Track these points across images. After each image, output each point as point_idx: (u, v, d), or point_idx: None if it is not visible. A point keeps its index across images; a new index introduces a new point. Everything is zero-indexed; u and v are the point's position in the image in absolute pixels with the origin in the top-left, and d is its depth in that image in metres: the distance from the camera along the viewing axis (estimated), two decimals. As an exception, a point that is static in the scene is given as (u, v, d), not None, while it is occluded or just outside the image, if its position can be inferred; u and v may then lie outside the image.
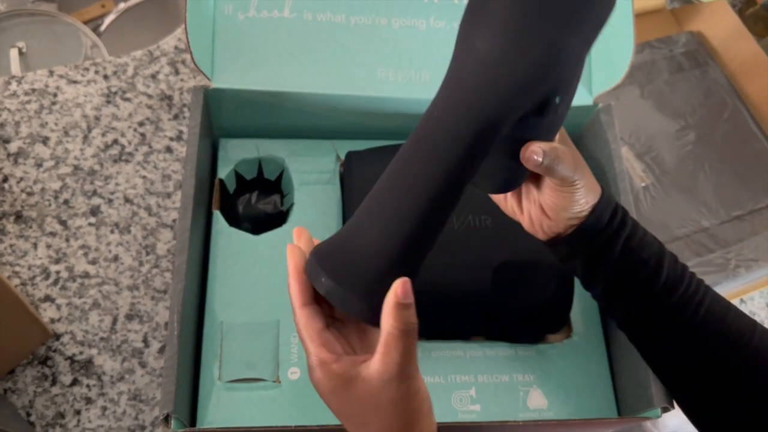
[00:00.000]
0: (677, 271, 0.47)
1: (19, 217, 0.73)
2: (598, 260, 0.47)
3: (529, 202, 0.49)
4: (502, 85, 0.38)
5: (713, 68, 0.90)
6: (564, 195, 0.46)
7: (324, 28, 0.62)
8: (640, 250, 0.46)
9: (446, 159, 0.39)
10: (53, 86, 0.80)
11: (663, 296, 0.46)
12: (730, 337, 0.46)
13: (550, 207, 0.47)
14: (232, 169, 0.65)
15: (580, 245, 0.47)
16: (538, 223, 0.48)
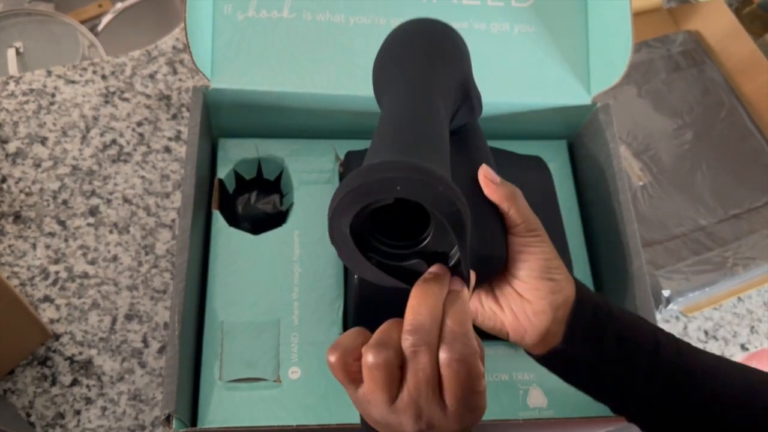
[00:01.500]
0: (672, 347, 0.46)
1: (17, 218, 0.73)
2: (598, 352, 0.45)
3: (505, 297, 0.47)
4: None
5: (710, 67, 0.91)
6: (533, 252, 0.44)
7: (323, 28, 0.62)
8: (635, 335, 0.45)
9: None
10: (51, 86, 0.80)
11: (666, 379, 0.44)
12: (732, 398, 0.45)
13: (525, 279, 0.45)
14: (231, 169, 0.65)
15: (577, 337, 0.45)
16: (522, 315, 0.45)
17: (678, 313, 0.78)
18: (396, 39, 0.50)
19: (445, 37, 0.49)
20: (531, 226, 0.44)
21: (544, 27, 0.65)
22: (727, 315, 0.79)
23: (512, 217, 0.44)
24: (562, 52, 0.65)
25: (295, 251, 0.61)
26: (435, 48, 0.48)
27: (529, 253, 0.44)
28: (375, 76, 0.50)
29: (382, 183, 0.35)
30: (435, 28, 0.49)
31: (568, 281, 0.45)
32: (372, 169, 0.35)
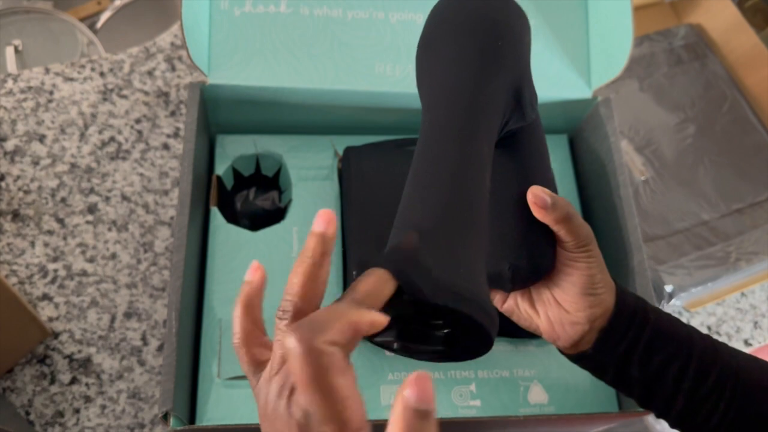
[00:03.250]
0: (707, 352, 0.45)
1: (16, 216, 0.72)
2: (628, 358, 0.45)
3: (543, 303, 0.47)
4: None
5: (712, 61, 0.90)
6: (579, 267, 0.44)
7: (321, 23, 0.62)
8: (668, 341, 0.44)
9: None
10: (49, 84, 0.80)
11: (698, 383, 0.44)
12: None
13: (567, 291, 0.44)
14: (229, 166, 0.64)
15: (610, 345, 0.44)
16: (558, 323, 0.46)
17: (680, 308, 0.78)
18: (444, 23, 0.45)
19: (500, 26, 0.44)
20: (582, 242, 0.44)
21: (544, 20, 0.64)
22: (730, 310, 0.79)
23: (562, 236, 0.44)
24: (562, 46, 0.64)
25: (293, 248, 0.60)
26: (487, 48, 0.43)
27: (576, 268, 0.44)
28: (417, 68, 0.48)
29: (439, 307, 0.35)
30: (489, 9, 0.44)
31: (609, 293, 0.45)
32: (437, 287, 0.35)
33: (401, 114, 0.65)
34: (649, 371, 0.44)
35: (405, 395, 0.28)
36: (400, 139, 0.66)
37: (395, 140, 0.66)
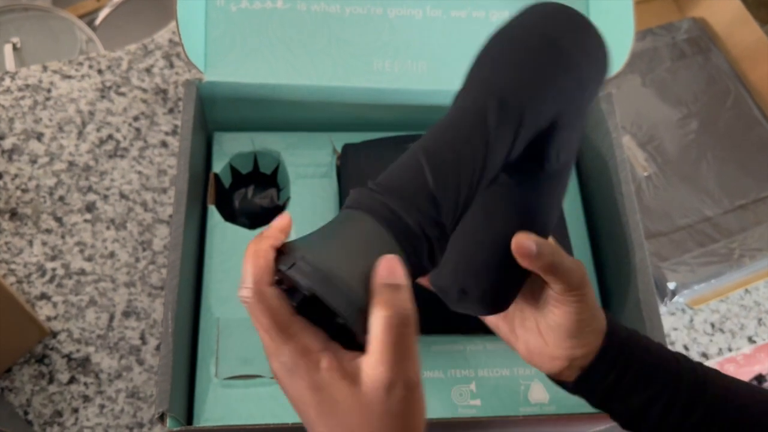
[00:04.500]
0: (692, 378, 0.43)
1: (14, 215, 0.72)
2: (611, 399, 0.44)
3: (524, 329, 0.45)
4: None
5: (716, 55, 0.89)
6: (567, 312, 0.42)
7: (318, 19, 0.61)
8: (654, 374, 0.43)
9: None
10: (47, 82, 0.79)
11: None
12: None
13: (552, 328, 0.43)
14: (227, 163, 0.64)
15: (588, 389, 0.44)
16: (537, 353, 0.44)
17: (684, 305, 0.77)
18: (503, 34, 0.40)
19: (556, 51, 0.38)
20: (572, 287, 0.41)
21: (544, 15, 0.63)
22: (734, 307, 0.78)
23: (551, 283, 0.42)
24: (562, 41, 0.63)
25: (291, 246, 0.60)
26: (525, 63, 0.38)
27: (563, 311, 0.42)
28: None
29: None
30: (555, 32, 0.38)
31: (596, 336, 0.42)
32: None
33: (400, 111, 0.65)
34: (633, 407, 0.43)
35: (376, 274, 0.32)
36: (398, 135, 0.65)
37: (394, 137, 0.65)
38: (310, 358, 0.32)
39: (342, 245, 0.33)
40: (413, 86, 0.62)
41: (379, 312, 0.31)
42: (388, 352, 0.31)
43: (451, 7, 0.62)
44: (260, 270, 0.33)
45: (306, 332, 0.33)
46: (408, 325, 0.32)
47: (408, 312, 0.32)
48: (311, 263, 0.32)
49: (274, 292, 0.33)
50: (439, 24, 0.62)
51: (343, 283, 0.31)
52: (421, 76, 0.62)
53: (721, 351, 0.76)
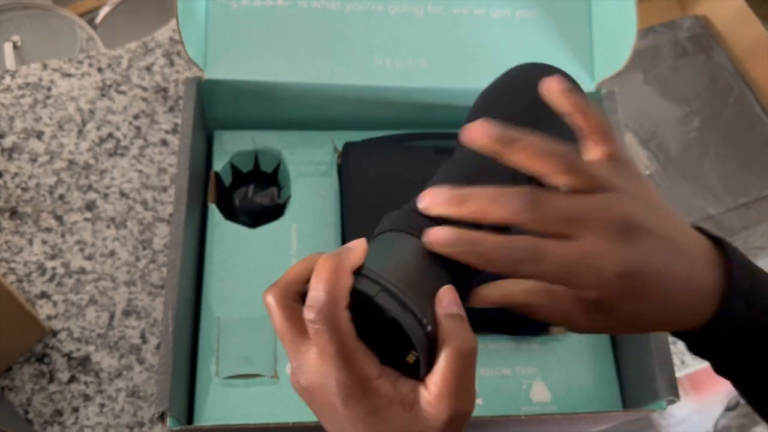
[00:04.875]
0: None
1: (14, 213, 0.72)
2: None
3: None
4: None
5: (718, 52, 0.89)
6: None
7: (319, 16, 0.61)
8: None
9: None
10: (47, 80, 0.79)
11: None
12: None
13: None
14: (227, 162, 0.64)
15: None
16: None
17: (686, 304, 0.77)
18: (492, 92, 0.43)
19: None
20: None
21: (546, 12, 0.63)
22: (736, 306, 0.78)
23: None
24: (564, 38, 0.63)
25: (292, 245, 0.60)
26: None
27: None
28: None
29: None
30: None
31: (694, 314, 0.34)
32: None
33: (401, 108, 0.64)
34: (754, 383, 0.38)
35: (440, 305, 0.32)
36: (400, 134, 0.65)
37: (395, 135, 0.65)
38: (370, 384, 0.31)
39: (406, 270, 0.33)
40: (414, 83, 0.61)
41: (447, 344, 0.31)
42: (453, 385, 0.31)
43: (453, 4, 0.62)
44: (340, 292, 0.31)
45: (367, 359, 0.32)
46: (472, 359, 0.32)
47: (473, 345, 0.32)
48: (393, 292, 0.31)
49: (347, 316, 0.32)
50: (440, 21, 0.62)
51: (419, 312, 0.32)
52: (422, 74, 0.62)
53: (724, 350, 0.75)
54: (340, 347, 0.31)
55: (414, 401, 0.32)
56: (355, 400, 0.31)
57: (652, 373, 0.51)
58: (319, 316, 0.31)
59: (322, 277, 0.31)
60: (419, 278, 0.33)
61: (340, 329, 0.31)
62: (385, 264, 0.33)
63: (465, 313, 0.33)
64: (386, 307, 0.31)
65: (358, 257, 0.33)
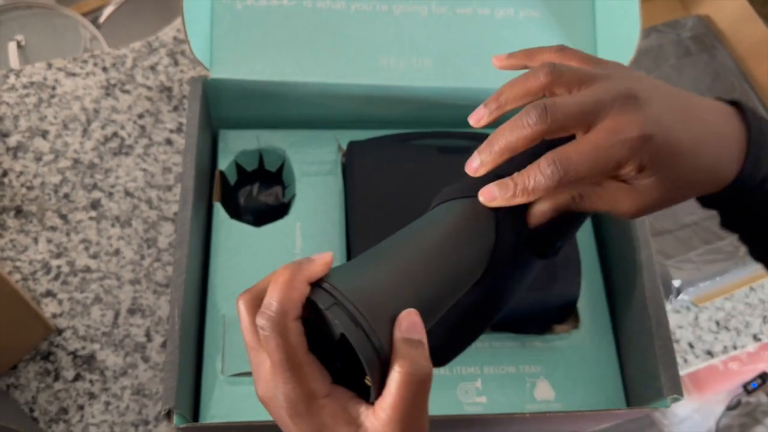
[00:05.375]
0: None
1: (19, 212, 0.72)
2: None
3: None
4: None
5: (721, 52, 0.89)
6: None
7: (324, 16, 0.61)
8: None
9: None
10: (52, 79, 0.79)
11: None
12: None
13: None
14: (232, 161, 0.64)
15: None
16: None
17: (689, 303, 0.77)
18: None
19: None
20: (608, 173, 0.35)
21: (550, 11, 0.63)
22: (738, 305, 0.78)
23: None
24: (568, 38, 0.63)
25: (296, 243, 0.60)
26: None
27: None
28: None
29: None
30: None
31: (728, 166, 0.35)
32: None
33: (405, 107, 0.65)
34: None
35: (397, 327, 0.31)
36: (404, 133, 0.65)
37: (399, 134, 0.65)
38: (316, 402, 0.31)
39: (374, 288, 0.32)
40: (418, 83, 0.62)
41: (397, 368, 0.30)
42: (401, 412, 0.30)
43: (457, 4, 0.62)
44: (291, 303, 0.31)
45: (315, 374, 0.31)
46: (424, 386, 0.31)
47: (426, 371, 0.31)
48: (347, 308, 0.31)
49: (297, 328, 0.31)
50: (444, 21, 0.62)
51: (373, 334, 0.31)
52: (426, 73, 0.62)
53: (726, 349, 0.76)
54: (287, 358, 0.31)
55: (360, 425, 0.31)
56: (300, 416, 0.31)
57: (656, 372, 0.51)
58: (268, 323, 0.31)
59: (277, 286, 0.31)
60: (386, 300, 0.32)
61: (287, 339, 0.31)
62: (355, 280, 0.32)
63: (426, 340, 0.32)
64: (336, 321, 0.30)
65: (318, 269, 0.32)
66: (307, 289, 0.32)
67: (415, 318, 0.32)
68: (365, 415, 0.31)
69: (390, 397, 0.30)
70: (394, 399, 0.30)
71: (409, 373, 0.30)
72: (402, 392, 0.30)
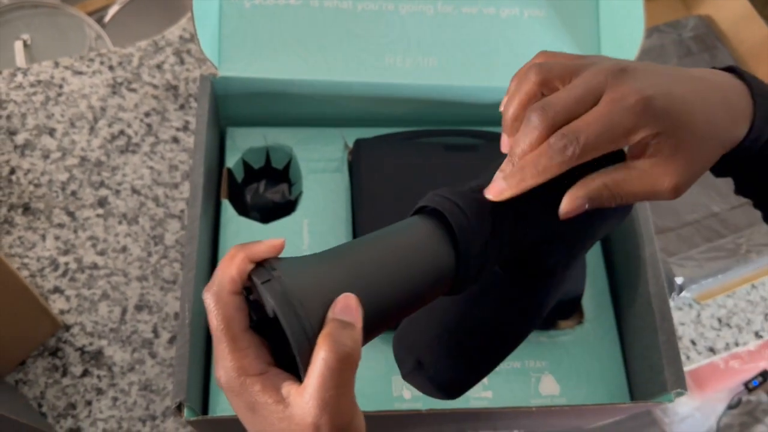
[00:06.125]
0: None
1: (27, 209, 0.73)
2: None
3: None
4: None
5: (722, 52, 0.89)
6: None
7: (331, 15, 0.62)
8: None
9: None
10: (59, 78, 0.80)
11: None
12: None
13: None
14: (239, 158, 0.64)
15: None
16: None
17: (691, 300, 0.78)
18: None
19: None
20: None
21: (555, 11, 0.64)
22: (740, 302, 0.79)
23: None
24: (572, 37, 0.64)
25: (304, 240, 0.60)
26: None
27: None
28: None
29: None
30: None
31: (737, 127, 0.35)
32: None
33: (411, 105, 0.65)
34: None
35: (331, 308, 0.31)
36: (409, 131, 0.66)
37: (405, 132, 0.66)
38: (248, 378, 0.31)
39: (323, 274, 0.33)
40: (424, 81, 0.62)
41: (321, 346, 0.30)
42: (322, 389, 0.30)
43: (462, 3, 0.63)
44: (226, 277, 0.32)
45: (250, 351, 0.32)
46: (348, 366, 0.31)
47: (350, 352, 0.31)
48: (283, 284, 0.31)
49: (233, 301, 0.32)
50: (450, 20, 0.63)
51: (303, 311, 0.31)
52: (431, 71, 0.63)
53: (728, 346, 0.76)
54: (222, 329, 0.32)
55: (289, 405, 0.31)
56: (233, 393, 0.32)
57: (660, 367, 0.52)
58: (207, 295, 0.33)
59: (222, 261, 0.33)
60: (325, 286, 0.32)
61: (222, 312, 0.32)
62: (299, 266, 0.33)
63: (359, 324, 0.32)
64: (267, 296, 0.31)
65: (262, 249, 0.33)
66: (249, 266, 0.33)
67: (351, 302, 0.32)
68: (293, 394, 0.31)
69: (313, 375, 0.30)
70: (316, 378, 0.30)
71: (333, 352, 0.30)
72: (324, 371, 0.30)
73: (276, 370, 0.32)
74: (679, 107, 0.33)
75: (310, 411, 0.30)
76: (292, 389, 0.31)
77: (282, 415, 0.31)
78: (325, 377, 0.30)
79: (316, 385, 0.30)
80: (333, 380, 0.30)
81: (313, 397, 0.30)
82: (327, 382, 0.30)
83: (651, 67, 0.35)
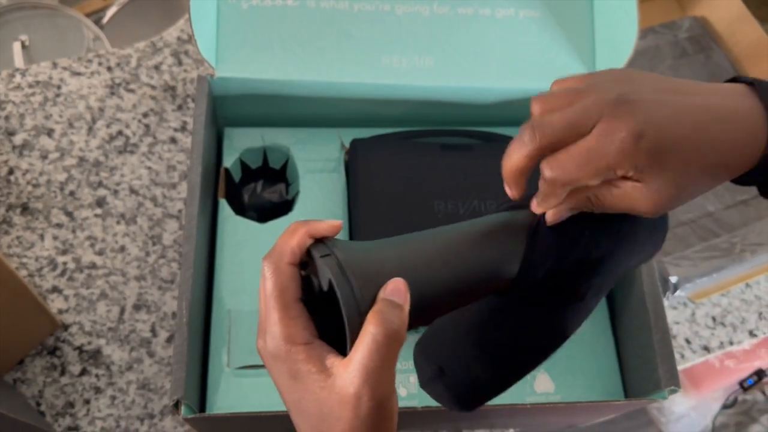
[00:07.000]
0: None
1: (25, 209, 0.73)
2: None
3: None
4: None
5: (717, 53, 0.90)
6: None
7: (327, 16, 0.62)
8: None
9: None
10: (57, 78, 0.80)
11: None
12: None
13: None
14: (237, 158, 0.65)
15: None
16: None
17: (686, 299, 0.78)
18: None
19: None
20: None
21: (550, 12, 0.64)
22: (735, 301, 0.79)
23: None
24: (567, 37, 0.65)
25: (301, 239, 0.61)
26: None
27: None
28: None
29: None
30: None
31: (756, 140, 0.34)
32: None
33: (408, 106, 0.66)
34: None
35: (383, 289, 0.33)
36: (406, 131, 0.66)
37: (401, 132, 0.66)
38: (294, 347, 0.33)
39: (382, 255, 0.35)
40: (420, 82, 0.63)
41: (370, 321, 0.32)
42: (368, 362, 0.31)
43: (458, 4, 0.63)
44: (287, 248, 0.34)
45: (299, 320, 0.33)
46: (394, 343, 0.32)
47: (397, 330, 0.32)
48: (340, 260, 0.33)
49: (290, 271, 0.34)
50: (446, 20, 0.63)
51: (357, 286, 0.33)
52: (428, 72, 0.63)
53: (723, 344, 0.77)
54: (275, 296, 0.33)
55: (331, 375, 0.32)
56: (279, 360, 0.33)
57: (654, 364, 0.52)
58: (265, 262, 0.34)
59: (284, 233, 0.35)
60: (380, 269, 0.34)
61: (278, 280, 0.34)
62: (357, 248, 0.35)
63: (407, 307, 0.33)
64: (326, 268, 0.33)
65: (323, 227, 0.35)
66: (308, 241, 0.35)
67: (401, 286, 0.33)
68: (337, 365, 0.32)
69: (360, 349, 0.32)
70: (363, 351, 0.31)
71: (382, 327, 0.31)
72: (371, 344, 0.31)
73: (321, 342, 0.34)
74: (669, 146, 0.33)
75: (353, 381, 0.31)
76: (336, 361, 0.33)
77: (324, 384, 0.32)
78: (372, 351, 0.31)
79: (362, 358, 0.31)
80: (378, 354, 0.31)
81: (357, 369, 0.31)
82: (373, 356, 0.31)
83: (654, 93, 0.34)
